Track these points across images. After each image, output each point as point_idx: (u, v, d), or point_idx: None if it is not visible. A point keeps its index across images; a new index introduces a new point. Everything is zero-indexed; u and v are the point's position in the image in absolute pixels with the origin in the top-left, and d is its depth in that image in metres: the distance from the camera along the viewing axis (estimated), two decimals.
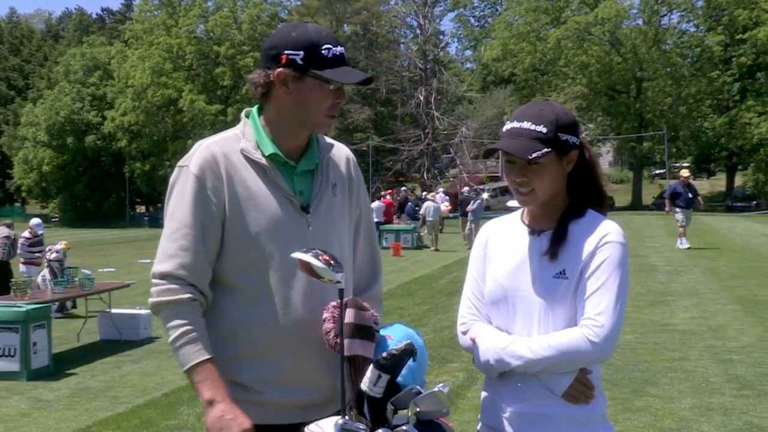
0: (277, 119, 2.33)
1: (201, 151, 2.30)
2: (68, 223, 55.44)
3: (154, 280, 2.26)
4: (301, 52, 2.22)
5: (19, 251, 13.91)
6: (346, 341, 2.12)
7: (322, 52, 2.23)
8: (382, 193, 34.50)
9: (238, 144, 2.32)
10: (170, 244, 2.25)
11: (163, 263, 2.25)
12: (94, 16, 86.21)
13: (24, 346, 8.31)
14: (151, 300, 2.27)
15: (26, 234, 14.01)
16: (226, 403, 2.17)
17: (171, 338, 2.23)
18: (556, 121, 2.17)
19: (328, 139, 2.49)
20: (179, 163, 2.34)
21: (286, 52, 2.24)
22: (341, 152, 2.50)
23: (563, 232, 2.20)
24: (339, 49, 2.26)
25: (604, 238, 2.17)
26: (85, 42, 64.22)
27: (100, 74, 59.45)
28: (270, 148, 2.31)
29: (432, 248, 23.91)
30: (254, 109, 2.40)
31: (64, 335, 10.85)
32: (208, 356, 2.20)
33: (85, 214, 58.99)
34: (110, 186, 60.40)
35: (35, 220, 14.52)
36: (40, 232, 14.05)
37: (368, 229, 2.58)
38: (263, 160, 2.30)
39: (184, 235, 2.24)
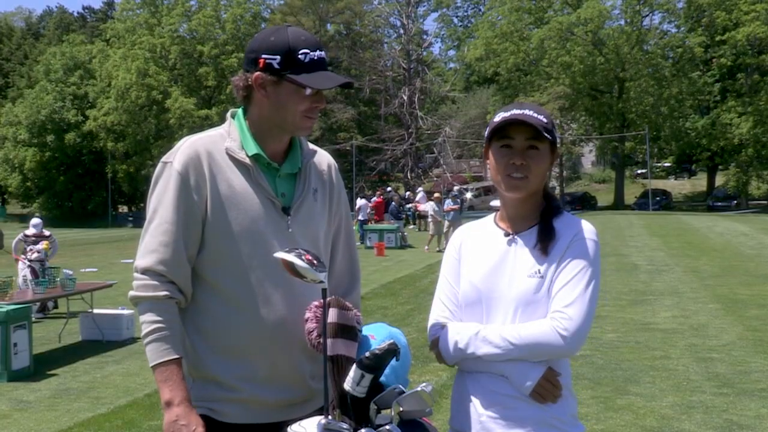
0: (258, 122, 2.36)
1: (185, 148, 2.31)
2: (50, 222, 54.87)
3: (135, 274, 2.28)
4: (278, 57, 2.25)
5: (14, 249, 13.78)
6: (329, 341, 2.12)
7: (299, 56, 2.24)
8: (369, 192, 34.56)
9: (223, 143, 2.34)
10: (151, 240, 2.27)
11: (144, 258, 2.27)
12: (75, 14, 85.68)
13: (4, 346, 8.23)
14: (130, 293, 2.29)
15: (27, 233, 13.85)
16: (182, 407, 2.18)
17: (143, 333, 2.26)
18: (550, 116, 2.24)
19: (312, 146, 2.51)
20: (163, 159, 2.35)
21: (263, 56, 2.26)
22: (324, 159, 2.53)
23: (550, 227, 2.22)
24: (318, 53, 2.28)
25: (577, 235, 2.21)
26: (65, 41, 63.68)
27: (81, 73, 58.99)
28: (253, 149, 2.33)
29: (426, 248, 23.41)
30: (240, 111, 2.42)
31: (45, 336, 10.76)
32: (175, 356, 2.22)
33: (68, 213, 58.60)
34: (92, 185, 60.01)
35: (35, 220, 14.31)
36: (33, 231, 13.77)
37: (348, 237, 2.60)
38: (247, 160, 2.31)
39: (165, 231, 2.26)
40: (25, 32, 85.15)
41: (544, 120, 2.19)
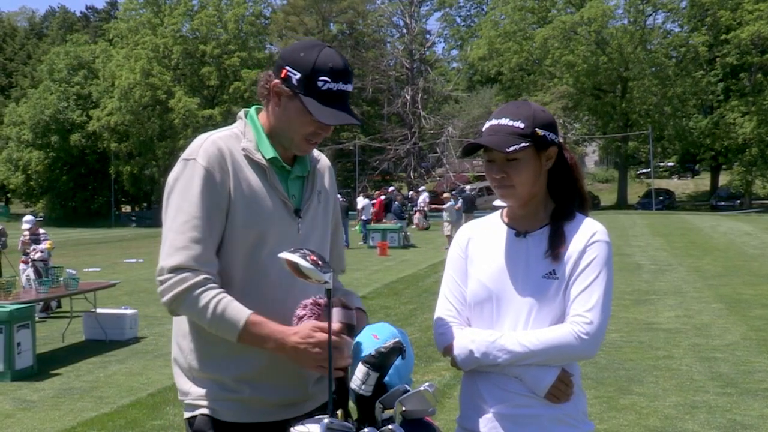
0: (269, 126, 2.36)
1: (208, 144, 2.30)
2: (53, 222, 54.99)
3: (162, 277, 2.19)
4: (299, 74, 2.23)
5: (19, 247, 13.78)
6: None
7: (318, 82, 2.22)
8: (371, 192, 34.53)
9: (238, 143, 2.33)
10: (179, 237, 2.20)
11: (172, 256, 2.19)
12: (78, 14, 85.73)
13: (7, 346, 8.24)
14: (165, 297, 2.19)
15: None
16: (295, 332, 2.13)
17: (209, 315, 2.16)
18: (533, 117, 2.19)
19: (314, 151, 2.52)
20: (184, 157, 2.32)
21: (287, 67, 2.25)
22: (324, 163, 2.56)
23: (560, 233, 2.20)
24: (338, 86, 2.24)
25: (592, 237, 2.19)
26: (69, 40, 63.69)
27: (85, 73, 59.01)
28: (270, 152, 2.33)
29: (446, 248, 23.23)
30: (252, 110, 2.42)
31: (48, 335, 10.78)
32: (250, 312, 2.17)
33: (71, 213, 58.62)
34: (96, 185, 60.05)
35: (28, 217, 14.26)
36: (28, 226, 13.70)
37: (339, 236, 2.66)
38: (264, 162, 2.32)
39: (194, 226, 2.21)
40: (28, 32, 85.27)
41: (520, 126, 2.17)
